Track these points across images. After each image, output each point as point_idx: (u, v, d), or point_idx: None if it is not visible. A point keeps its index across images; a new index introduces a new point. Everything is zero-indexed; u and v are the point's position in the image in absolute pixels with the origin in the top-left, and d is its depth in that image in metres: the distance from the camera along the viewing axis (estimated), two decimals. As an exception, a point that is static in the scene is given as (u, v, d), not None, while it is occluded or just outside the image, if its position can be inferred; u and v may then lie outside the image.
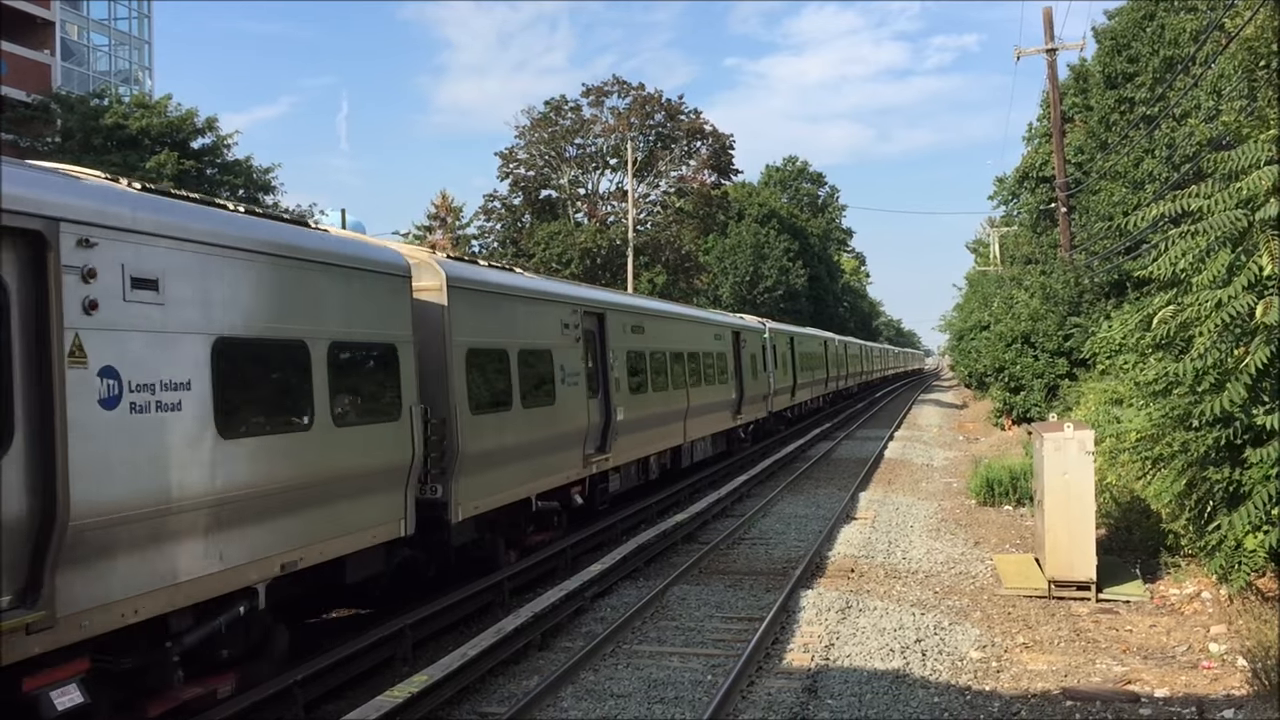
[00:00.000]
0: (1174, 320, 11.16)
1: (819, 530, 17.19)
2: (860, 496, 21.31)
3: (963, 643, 10.85)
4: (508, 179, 59.13)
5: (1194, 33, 25.39)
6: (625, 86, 58.45)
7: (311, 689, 8.76)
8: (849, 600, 12.36)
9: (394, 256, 10.88)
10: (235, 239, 8.31)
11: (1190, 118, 24.44)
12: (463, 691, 9.12)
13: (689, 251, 59.47)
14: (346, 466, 9.50)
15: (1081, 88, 36.81)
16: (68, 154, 32.98)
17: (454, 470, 11.57)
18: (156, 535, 7.27)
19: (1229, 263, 10.29)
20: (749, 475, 23.33)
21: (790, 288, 73.35)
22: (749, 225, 73.26)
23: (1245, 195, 10.22)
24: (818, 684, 9.46)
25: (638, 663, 10.17)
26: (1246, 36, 18.41)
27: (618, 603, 12.55)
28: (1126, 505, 15.89)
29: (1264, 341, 9.72)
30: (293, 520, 8.77)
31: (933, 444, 34.64)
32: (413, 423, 10.58)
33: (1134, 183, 28.28)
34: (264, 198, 38.47)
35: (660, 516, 18.46)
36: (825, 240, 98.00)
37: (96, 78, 52.88)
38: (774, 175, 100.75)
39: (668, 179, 61.23)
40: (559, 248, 54.12)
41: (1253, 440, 10.17)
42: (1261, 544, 10.03)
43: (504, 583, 12.58)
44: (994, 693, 9.36)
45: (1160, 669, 9.86)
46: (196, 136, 36.80)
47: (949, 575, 14.24)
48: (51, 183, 6.87)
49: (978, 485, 20.86)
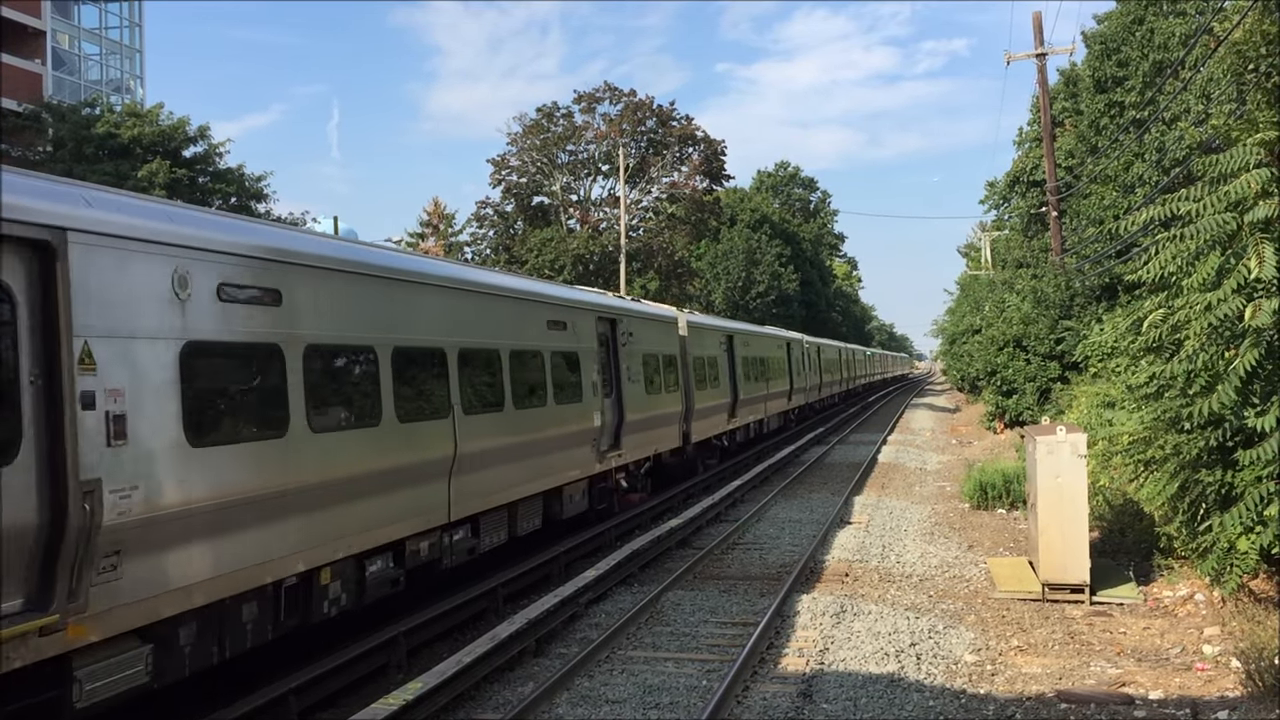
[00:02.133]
0: (1164, 323, 11.19)
1: (813, 535, 17.20)
2: (854, 501, 21.33)
3: (957, 646, 10.87)
4: (500, 186, 59.16)
5: (1183, 37, 25.52)
6: (617, 93, 58.52)
7: (306, 696, 8.75)
8: (843, 604, 12.37)
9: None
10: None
11: (1180, 121, 24.57)
12: (458, 698, 9.11)
13: (681, 257, 59.49)
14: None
15: (1071, 92, 36.99)
16: (59, 163, 32.90)
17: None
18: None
19: (1218, 266, 10.33)
20: (742, 480, 23.33)
21: (783, 293, 73.41)
22: (741, 231, 73.31)
23: (1234, 198, 10.26)
24: (813, 688, 9.47)
25: (633, 668, 10.17)
26: (1235, 40, 18.49)
27: (612, 608, 12.55)
28: (1119, 508, 15.93)
29: (1253, 343, 9.76)
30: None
31: (926, 448, 34.69)
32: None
33: (1124, 186, 28.39)
34: (256, 206, 38.42)
35: (654, 522, 18.47)
36: (817, 245, 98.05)
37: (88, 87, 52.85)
38: (766, 180, 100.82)
39: (660, 185, 61.23)
40: (551, 254, 54.12)
41: (1244, 442, 10.21)
42: (1254, 545, 10.06)
43: (498, 589, 12.57)
44: (989, 696, 9.37)
45: (1154, 671, 9.88)
46: (188, 145, 36.71)
47: (943, 579, 14.27)
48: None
49: (971, 489, 20.89)
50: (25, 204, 6.58)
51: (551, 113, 58.74)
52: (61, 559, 6.52)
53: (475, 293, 12.96)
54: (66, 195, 7.14)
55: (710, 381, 25.47)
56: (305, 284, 9.31)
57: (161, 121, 36.06)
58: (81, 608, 6.69)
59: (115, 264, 7.21)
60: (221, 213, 9.56)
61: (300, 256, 9.34)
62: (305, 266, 9.36)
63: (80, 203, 7.15)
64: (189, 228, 8.09)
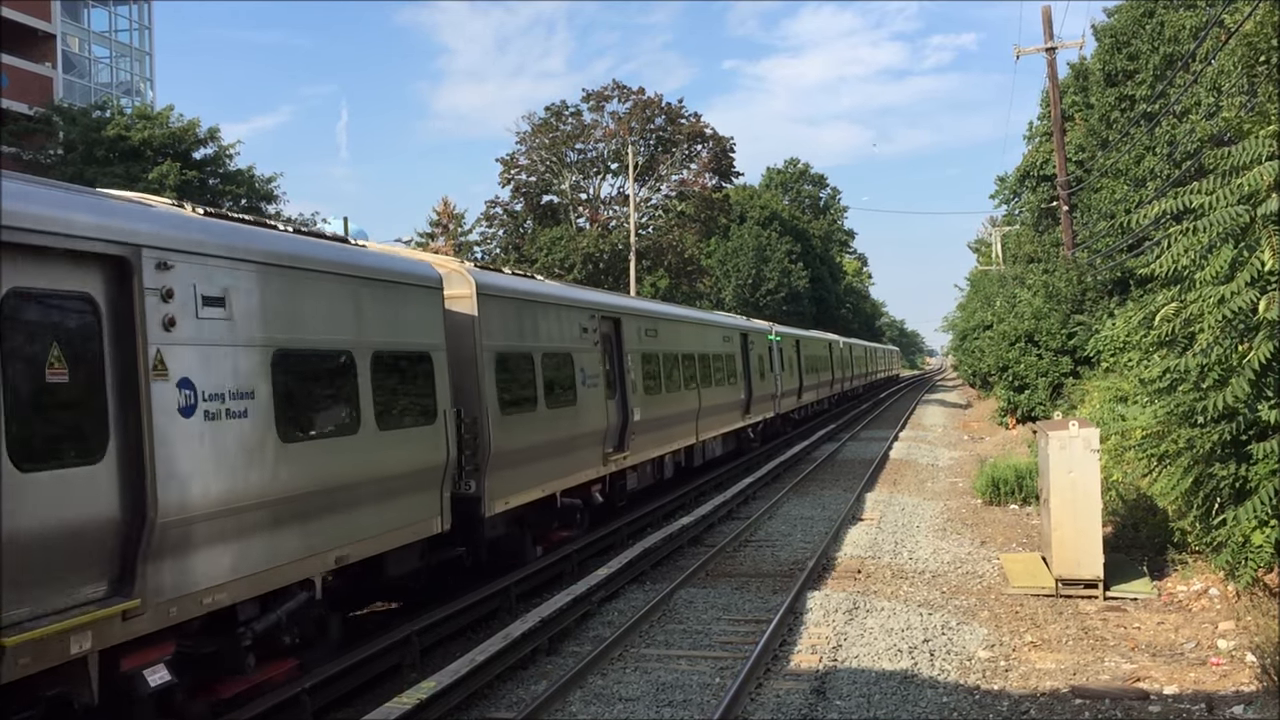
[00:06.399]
0: (1177, 317, 11.15)
1: (825, 531, 17.19)
2: (866, 497, 21.30)
3: (970, 642, 10.85)
4: (509, 185, 59.21)
5: (1194, 29, 25.39)
6: (625, 91, 58.50)
7: (320, 696, 8.78)
8: (856, 601, 12.36)
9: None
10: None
11: (1191, 114, 24.45)
12: (471, 697, 9.13)
13: (691, 255, 59.46)
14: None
15: (1082, 86, 36.81)
16: (70, 166, 33.04)
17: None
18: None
19: (1231, 259, 10.28)
20: (754, 477, 23.31)
21: (793, 290, 73.37)
22: (751, 228, 73.28)
23: (1246, 191, 10.22)
24: (826, 685, 9.47)
25: (646, 666, 10.18)
26: (1246, 32, 18.41)
27: (625, 606, 12.56)
28: (1132, 503, 15.87)
29: (1267, 337, 9.72)
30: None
31: (938, 444, 34.62)
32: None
33: (1135, 180, 28.28)
34: (266, 207, 38.50)
35: (665, 520, 18.47)
36: (827, 242, 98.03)
37: (98, 89, 52.98)
38: (775, 177, 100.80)
39: (669, 183, 61.24)
40: (561, 253, 54.15)
41: (1258, 435, 10.16)
42: (1268, 539, 10.02)
43: (510, 588, 12.60)
44: (1003, 692, 9.36)
45: (1169, 666, 9.85)
46: (198, 147, 36.79)
47: (956, 575, 14.24)
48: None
49: (983, 484, 20.84)
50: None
51: (560, 111, 58.79)
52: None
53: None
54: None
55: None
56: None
57: (172, 124, 36.14)
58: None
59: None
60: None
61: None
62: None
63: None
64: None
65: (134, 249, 7.21)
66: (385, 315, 10.32)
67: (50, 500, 6.46)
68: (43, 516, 6.38)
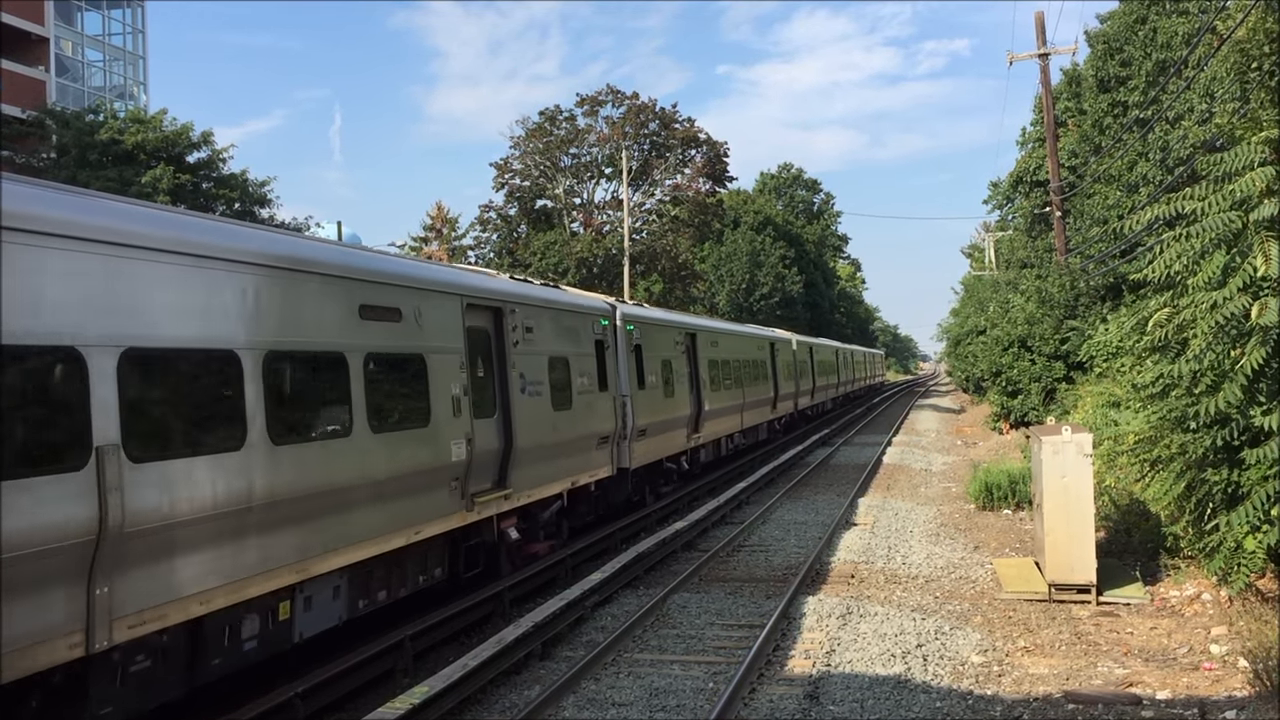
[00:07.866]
0: (1170, 323, 11.17)
1: (819, 536, 17.19)
2: (859, 502, 21.31)
3: (964, 647, 10.86)
4: (503, 189, 59.19)
5: (1186, 35, 25.50)
6: (619, 96, 58.50)
7: (313, 700, 8.75)
8: (850, 606, 12.36)
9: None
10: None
11: (1183, 120, 24.53)
12: (464, 702, 9.11)
13: (685, 259, 59.48)
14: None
15: (1074, 91, 36.93)
16: (63, 170, 32.94)
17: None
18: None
19: (1224, 264, 10.31)
20: (748, 482, 23.33)
21: (786, 295, 73.38)
22: (744, 233, 73.34)
23: (1239, 197, 10.25)
24: (819, 690, 9.46)
25: (639, 671, 10.17)
26: (1238, 39, 18.47)
27: (618, 611, 12.55)
28: (1125, 508, 15.89)
29: (1259, 342, 9.75)
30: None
31: (931, 449, 34.66)
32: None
33: (1128, 186, 28.35)
34: (260, 211, 38.43)
35: (659, 525, 18.47)
36: (821, 246, 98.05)
37: (91, 93, 52.92)
38: (769, 182, 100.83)
39: (663, 187, 61.24)
40: (555, 257, 54.15)
41: (1250, 441, 10.18)
42: (1260, 544, 10.04)
43: (504, 593, 12.58)
44: (996, 697, 9.36)
45: (1162, 671, 9.86)
46: (192, 151, 36.69)
47: (949, 580, 14.25)
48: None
49: (976, 489, 20.85)
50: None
51: (554, 116, 58.76)
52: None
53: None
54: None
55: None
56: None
57: (165, 127, 36.06)
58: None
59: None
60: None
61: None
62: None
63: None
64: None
65: (502, 303, 13.37)
66: (583, 331, 16.63)
67: (485, 435, 12.27)
68: (485, 442, 12.27)
